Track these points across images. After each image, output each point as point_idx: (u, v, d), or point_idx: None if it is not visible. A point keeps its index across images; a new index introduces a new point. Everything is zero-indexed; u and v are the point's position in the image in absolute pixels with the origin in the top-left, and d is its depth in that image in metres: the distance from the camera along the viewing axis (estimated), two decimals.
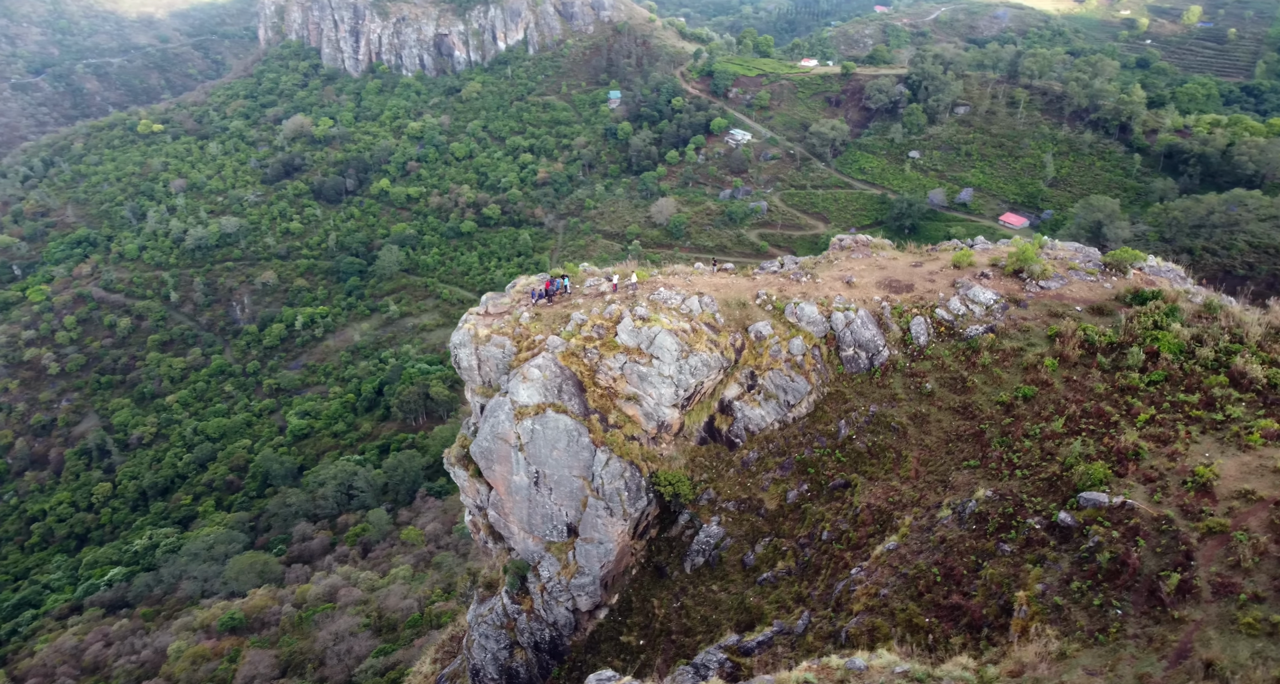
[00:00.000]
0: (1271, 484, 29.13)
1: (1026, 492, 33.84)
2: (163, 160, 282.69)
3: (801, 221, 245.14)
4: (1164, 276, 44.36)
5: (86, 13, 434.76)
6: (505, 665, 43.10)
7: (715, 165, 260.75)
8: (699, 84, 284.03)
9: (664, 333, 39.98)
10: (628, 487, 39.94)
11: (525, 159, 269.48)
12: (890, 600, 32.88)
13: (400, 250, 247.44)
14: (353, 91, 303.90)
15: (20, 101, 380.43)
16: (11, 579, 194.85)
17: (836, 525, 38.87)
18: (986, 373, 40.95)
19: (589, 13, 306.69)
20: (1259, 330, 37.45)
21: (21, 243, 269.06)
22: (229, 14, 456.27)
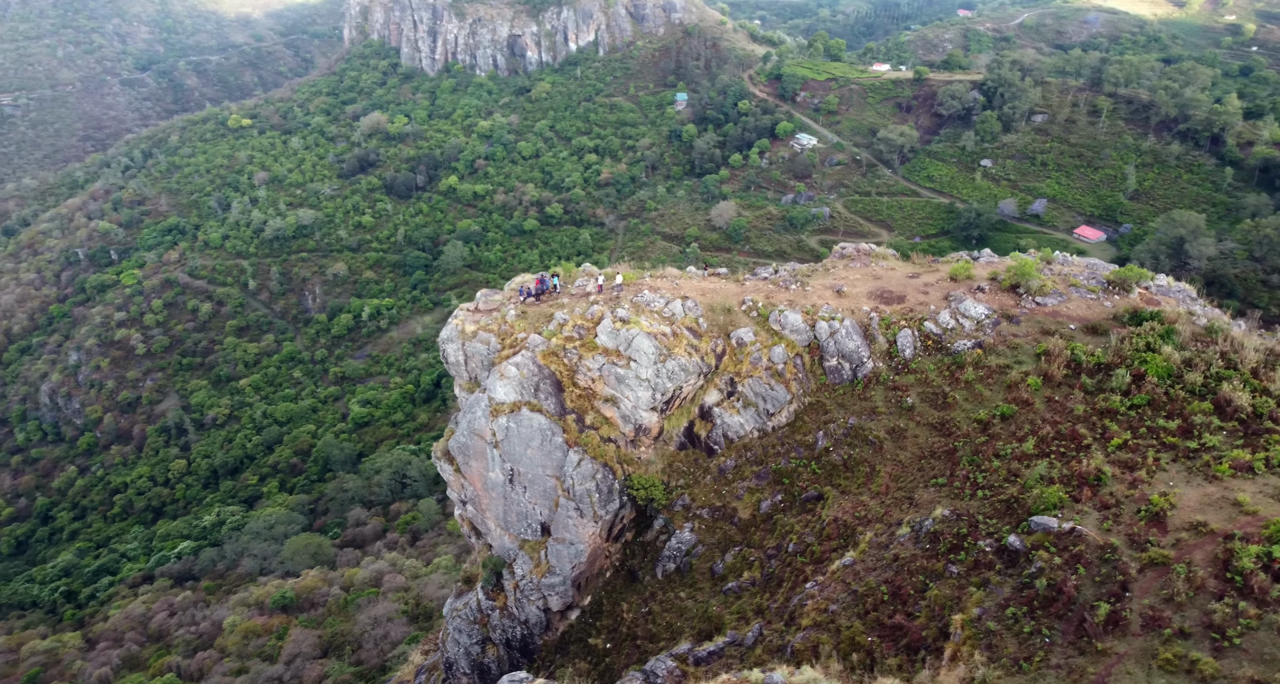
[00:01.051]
0: (1227, 517, 27.88)
1: (983, 513, 33.14)
2: (249, 153, 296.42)
3: (864, 229, 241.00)
4: (1172, 297, 42.58)
5: (190, 12, 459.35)
6: (477, 661, 44.14)
7: (779, 170, 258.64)
8: (767, 87, 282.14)
9: (642, 335, 40.43)
10: (599, 489, 40.49)
11: (590, 159, 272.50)
12: (838, 617, 32.65)
13: (464, 246, 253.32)
14: (428, 90, 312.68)
15: (127, 96, 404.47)
16: (94, 546, 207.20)
17: (803, 538, 38.67)
18: (969, 389, 40.07)
19: (660, 15, 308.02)
20: (1256, 356, 35.68)
21: (119, 229, 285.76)
22: (319, 14, 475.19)
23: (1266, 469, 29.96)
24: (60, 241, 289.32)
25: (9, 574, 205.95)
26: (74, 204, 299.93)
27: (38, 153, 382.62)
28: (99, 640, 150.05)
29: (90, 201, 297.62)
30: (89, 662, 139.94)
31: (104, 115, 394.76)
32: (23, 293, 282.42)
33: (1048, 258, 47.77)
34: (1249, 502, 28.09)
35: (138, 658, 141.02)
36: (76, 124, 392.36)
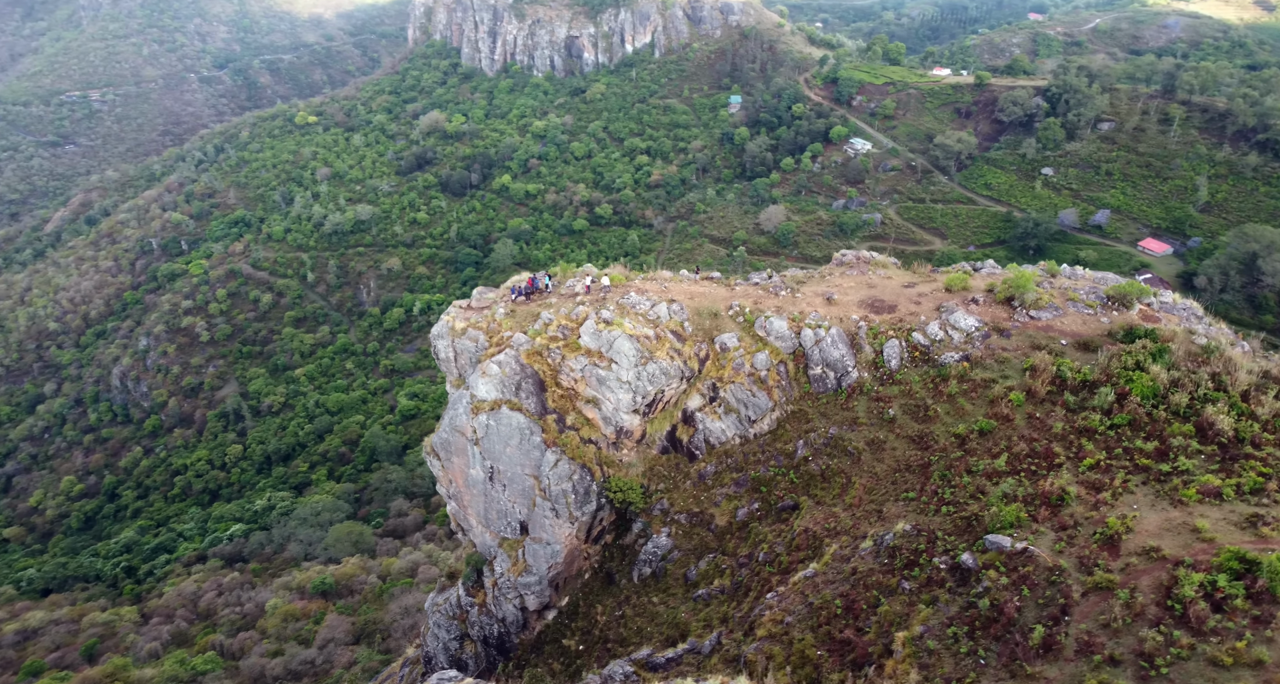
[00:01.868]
0: (1182, 543, 26.91)
1: (944, 529, 32.55)
2: (313, 150, 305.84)
3: (916, 236, 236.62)
4: (1175, 314, 41.07)
5: (266, 13, 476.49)
6: (455, 656, 44.87)
7: (831, 174, 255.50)
8: (822, 91, 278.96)
9: (623, 337, 40.72)
10: (575, 489, 40.87)
11: (641, 161, 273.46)
12: (792, 629, 32.47)
13: (514, 244, 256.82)
14: (486, 90, 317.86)
15: (205, 93, 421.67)
16: (154, 525, 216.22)
17: (774, 548, 38.46)
18: (951, 403, 39.31)
19: (717, 17, 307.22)
20: (1249, 379, 34.22)
21: (190, 221, 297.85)
22: (387, 14, 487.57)
23: (1236, 496, 28.80)
24: (136, 231, 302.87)
25: (77, 548, 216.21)
26: (150, 196, 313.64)
27: (121, 146, 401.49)
28: (153, 616, 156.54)
29: (165, 193, 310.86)
30: (142, 636, 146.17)
31: (183, 111, 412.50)
32: (100, 279, 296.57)
33: (1053, 271, 46.50)
34: (1208, 528, 27.08)
35: (186, 635, 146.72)
36: (157, 119, 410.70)
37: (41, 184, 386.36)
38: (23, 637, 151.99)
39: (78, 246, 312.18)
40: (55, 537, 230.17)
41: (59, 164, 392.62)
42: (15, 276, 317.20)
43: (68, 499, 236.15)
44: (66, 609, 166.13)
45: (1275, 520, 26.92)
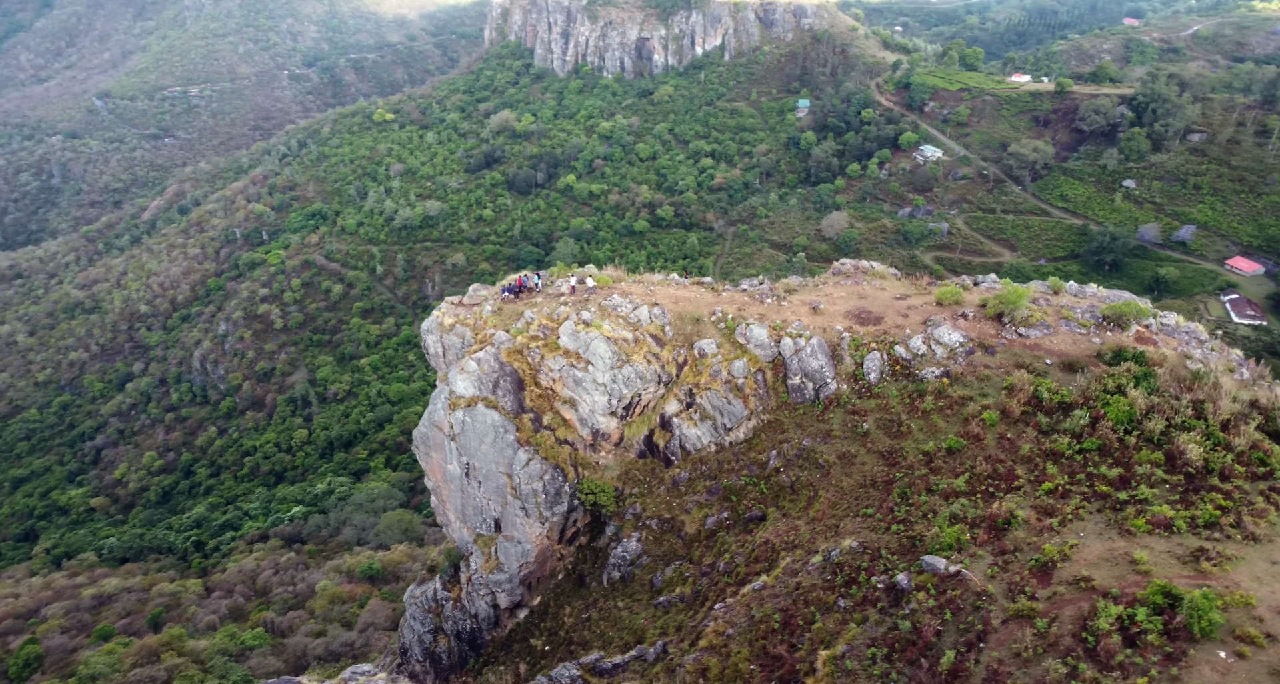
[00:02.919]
0: (1116, 575, 25.79)
1: (889, 548, 31.89)
2: (388, 146, 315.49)
3: (985, 247, 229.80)
4: (1175, 337, 39.14)
5: (354, 13, 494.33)
6: (429, 649, 45.82)
7: (898, 181, 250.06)
8: (893, 96, 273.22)
9: (599, 339, 41.08)
10: (546, 489, 41.36)
11: (705, 163, 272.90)
12: (731, 641, 32.33)
13: (575, 243, 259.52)
14: (556, 90, 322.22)
15: (293, 90, 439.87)
16: (223, 503, 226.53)
17: (735, 558, 38.23)
18: (926, 419, 38.37)
19: (789, 20, 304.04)
20: (1233, 408, 32.40)
21: (271, 212, 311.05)
22: (468, 15, 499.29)
23: (1188, 528, 27.42)
24: (222, 221, 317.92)
25: (153, 520, 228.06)
26: (237, 187, 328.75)
27: (215, 140, 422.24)
28: (215, 589, 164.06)
29: (250, 185, 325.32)
30: (202, 608, 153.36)
31: (272, 107, 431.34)
32: (188, 266, 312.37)
33: (1056, 288, 44.82)
34: (1146, 560, 25.89)
35: (242, 609, 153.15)
36: (249, 114, 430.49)
37: (142, 174, 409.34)
38: (99, 602, 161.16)
39: (170, 234, 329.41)
40: (135, 508, 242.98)
41: (159, 155, 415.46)
42: (114, 261, 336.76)
43: (148, 473, 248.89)
44: (139, 578, 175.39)
45: (1219, 556, 25.58)
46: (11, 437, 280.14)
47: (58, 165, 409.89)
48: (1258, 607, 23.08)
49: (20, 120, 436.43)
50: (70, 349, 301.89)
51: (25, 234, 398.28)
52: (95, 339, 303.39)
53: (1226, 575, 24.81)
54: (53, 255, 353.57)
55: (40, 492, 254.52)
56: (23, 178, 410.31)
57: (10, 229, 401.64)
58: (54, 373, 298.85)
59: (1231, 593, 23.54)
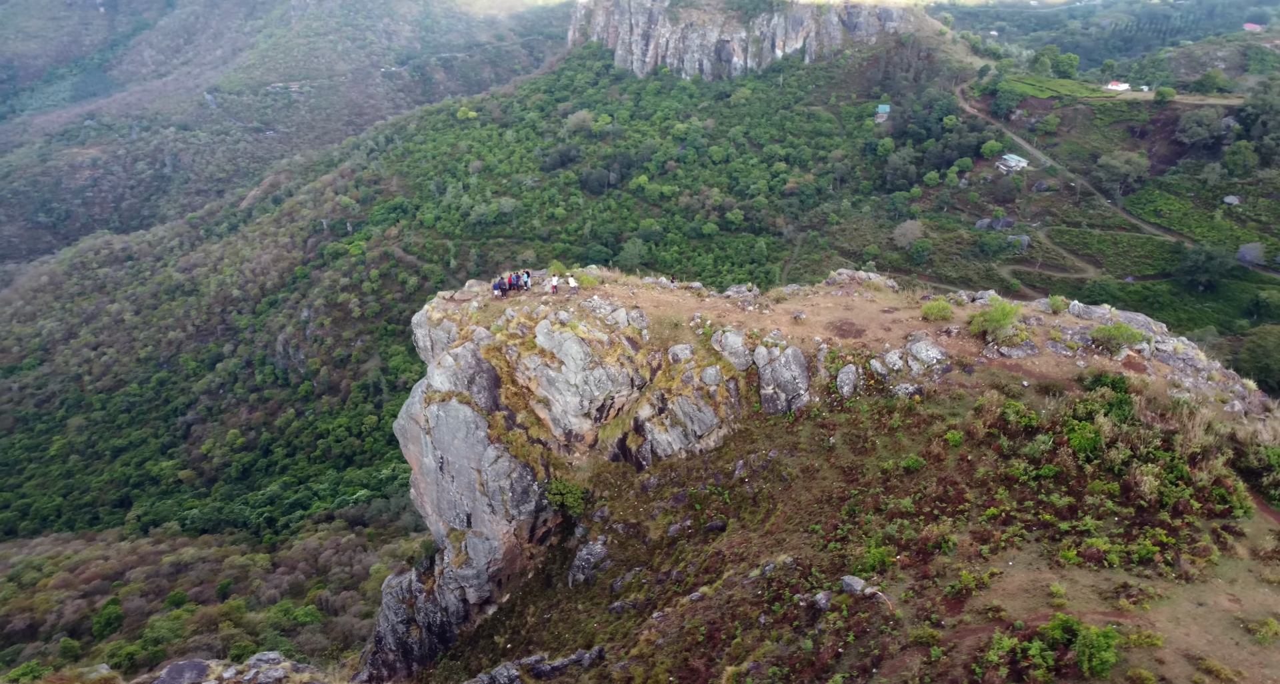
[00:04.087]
0: (1027, 607, 24.61)
1: (821, 565, 31.13)
2: (468, 143, 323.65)
3: (1067, 262, 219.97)
4: (1168, 364, 36.86)
5: (447, 13, 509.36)
6: (401, 639, 46.84)
7: (978, 191, 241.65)
8: (979, 103, 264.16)
9: (572, 340, 41.38)
10: (514, 487, 41.83)
11: (779, 167, 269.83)
12: (659, 651, 32.17)
13: (644, 244, 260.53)
14: (634, 91, 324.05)
15: (386, 87, 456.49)
16: (296, 482, 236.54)
17: (688, 567, 37.91)
18: (891, 436, 37.23)
19: (874, 23, 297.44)
20: (1207, 441, 30.34)
21: (356, 205, 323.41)
22: (555, 16, 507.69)
23: (1120, 563, 25.92)
24: (311, 212, 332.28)
25: (232, 495, 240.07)
26: (326, 180, 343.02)
27: (311, 134, 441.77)
28: (280, 565, 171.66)
29: (339, 179, 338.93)
30: (266, 582, 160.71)
31: (365, 103, 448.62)
32: (278, 254, 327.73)
33: (1055, 307, 42.77)
34: (1063, 593, 24.62)
35: (301, 586, 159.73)
36: (343, 110, 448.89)
37: (244, 165, 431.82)
38: (176, 569, 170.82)
39: (263, 223, 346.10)
40: (217, 483, 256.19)
41: (259, 148, 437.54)
42: (212, 247, 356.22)
43: (231, 450, 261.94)
44: (214, 549, 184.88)
45: (1142, 594, 24.11)
46: (115, 408, 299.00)
47: (170, 155, 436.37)
48: (1163, 649, 21.70)
49: (140, 113, 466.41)
50: (169, 328, 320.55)
51: (138, 219, 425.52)
52: (192, 320, 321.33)
53: (1143, 614, 23.39)
54: (160, 239, 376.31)
55: (136, 461, 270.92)
56: (139, 166, 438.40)
57: (126, 214, 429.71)
58: (154, 350, 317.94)
59: (1140, 632, 22.20)
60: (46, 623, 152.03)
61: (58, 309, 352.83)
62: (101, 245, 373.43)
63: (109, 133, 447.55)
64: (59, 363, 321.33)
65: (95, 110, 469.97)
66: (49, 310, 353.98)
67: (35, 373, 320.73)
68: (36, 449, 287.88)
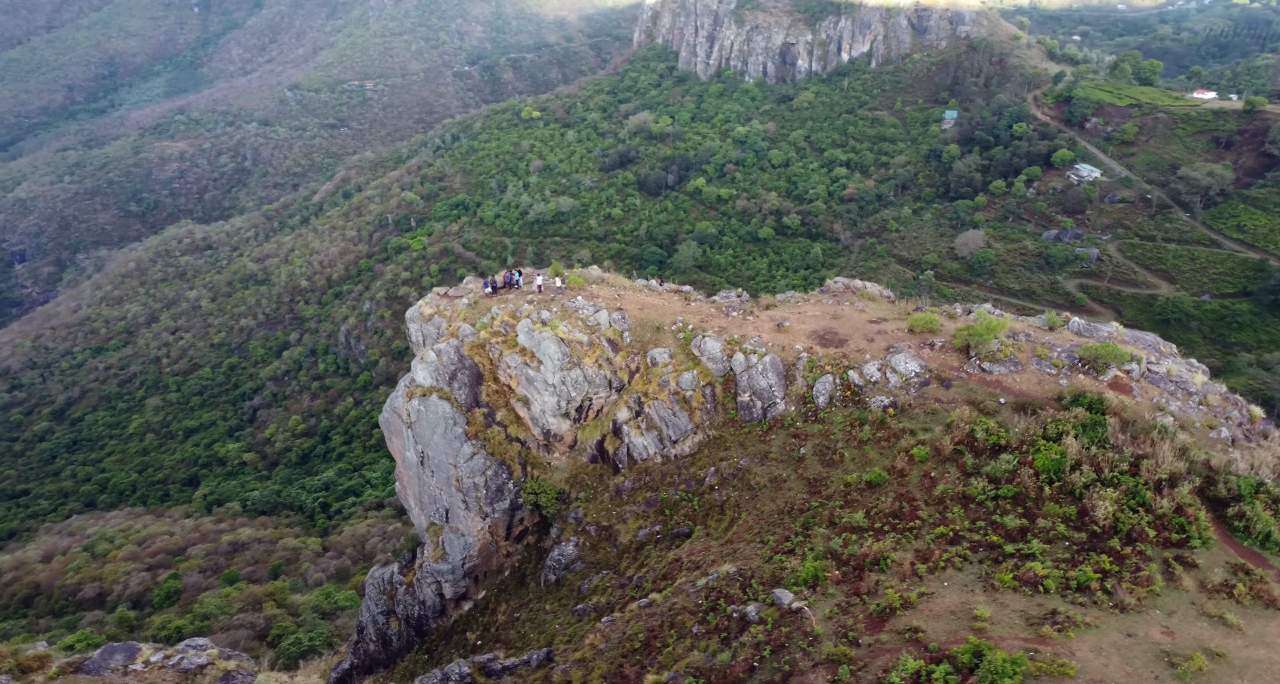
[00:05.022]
0: (948, 629, 23.72)
1: (762, 577, 30.49)
2: (531, 142, 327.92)
3: (1139, 277, 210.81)
4: (1159, 386, 34.98)
5: (518, 14, 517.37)
6: (381, 630, 47.56)
7: (1046, 201, 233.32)
8: (1052, 110, 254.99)
9: (550, 340, 41.51)
10: (488, 485, 42.12)
11: (839, 173, 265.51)
12: (599, 656, 32.03)
13: (699, 247, 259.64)
14: (696, 93, 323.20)
15: (456, 86, 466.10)
16: (351, 469, 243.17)
17: (649, 573, 37.59)
18: (860, 449, 36.24)
19: (945, 27, 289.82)
20: (1177, 467, 28.67)
21: (420, 201, 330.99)
22: (624, 18, 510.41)
23: (1058, 589, 24.77)
24: (378, 207, 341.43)
25: (291, 479, 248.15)
26: (394, 176, 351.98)
27: (383, 131, 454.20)
28: (329, 550, 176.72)
29: (405, 175, 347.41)
30: (314, 565, 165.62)
31: (436, 101, 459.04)
32: (345, 247, 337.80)
33: (1051, 323, 41.01)
34: (988, 617, 23.66)
35: (347, 571, 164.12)
36: (414, 108, 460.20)
37: (319, 160, 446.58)
38: (233, 548, 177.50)
39: (333, 217, 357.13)
40: (278, 466, 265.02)
41: (333, 143, 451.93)
42: (284, 238, 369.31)
43: (292, 436, 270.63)
44: (270, 531, 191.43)
45: (1069, 621, 23.02)
46: (189, 390, 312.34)
47: (251, 149, 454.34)
48: (1075, 679, 20.67)
49: (225, 108, 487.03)
50: (241, 316, 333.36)
51: (219, 210, 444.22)
52: (263, 308, 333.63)
53: (1065, 642, 22.31)
54: (237, 230, 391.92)
55: (205, 442, 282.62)
56: (222, 160, 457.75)
57: (208, 205, 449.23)
58: (227, 337, 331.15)
59: (1054, 661, 21.17)
60: (114, 593, 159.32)
61: (142, 294, 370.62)
62: (184, 234, 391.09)
63: (196, 127, 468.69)
64: (141, 345, 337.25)
65: (185, 106, 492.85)
66: (134, 295, 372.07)
67: (119, 354, 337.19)
68: (117, 426, 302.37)
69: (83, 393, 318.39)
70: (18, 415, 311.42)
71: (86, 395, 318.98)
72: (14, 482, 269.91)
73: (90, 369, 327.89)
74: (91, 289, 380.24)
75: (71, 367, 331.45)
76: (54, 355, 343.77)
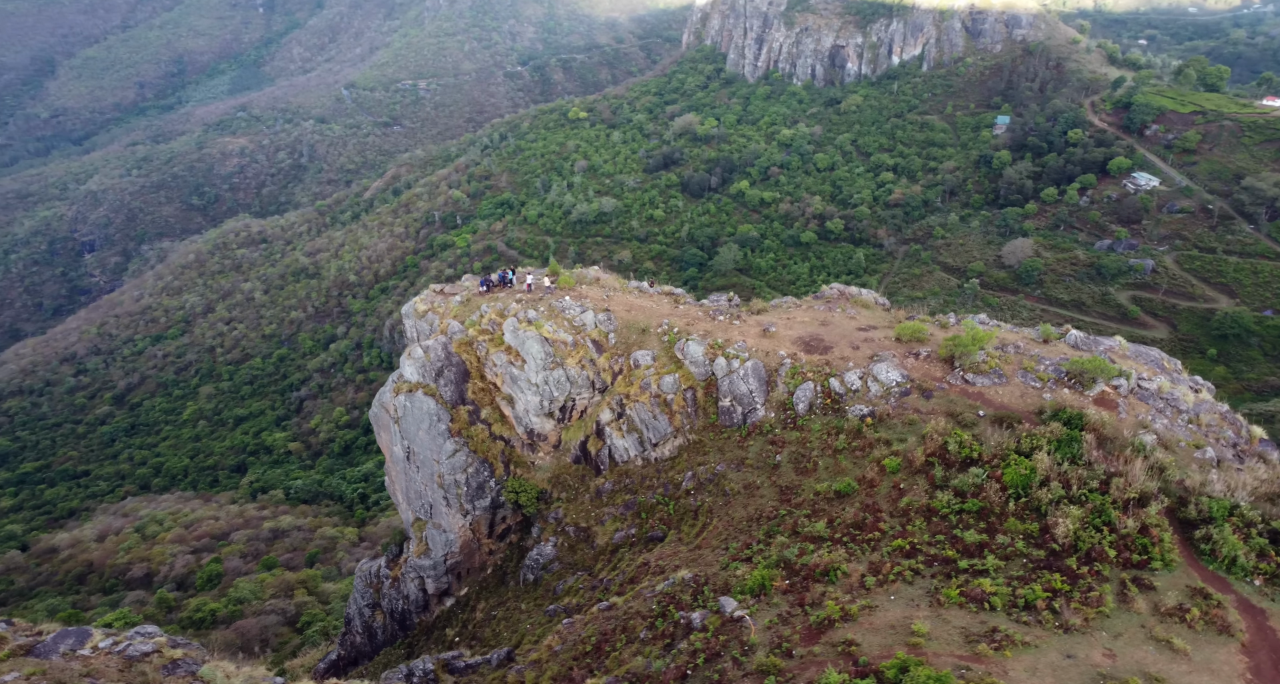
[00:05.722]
0: (883, 643, 23.19)
1: (715, 584, 30.05)
2: (576, 143, 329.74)
3: (1196, 290, 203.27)
4: (1148, 403, 33.55)
5: (570, 15, 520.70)
6: (367, 623, 48.11)
7: (1100, 210, 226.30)
8: (1110, 117, 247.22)
9: (534, 339, 41.59)
10: (469, 482, 42.33)
11: (885, 177, 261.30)
12: (554, 657, 31.98)
13: (740, 250, 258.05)
14: (743, 96, 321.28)
15: (506, 86, 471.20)
16: None
17: (619, 576, 37.38)
18: (834, 458, 35.51)
19: (1000, 30, 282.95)
20: (1148, 485, 27.46)
21: (467, 199, 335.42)
22: (675, 19, 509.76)
23: (1004, 607, 24.00)
24: (426, 204, 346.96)
25: (333, 469, 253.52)
26: (442, 174, 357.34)
27: (434, 129, 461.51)
28: (365, 540, 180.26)
29: (453, 173, 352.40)
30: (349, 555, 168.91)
31: (486, 101, 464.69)
32: (392, 243, 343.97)
33: (1046, 335, 39.66)
34: (925, 632, 22.98)
35: None
36: (465, 108, 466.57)
37: (371, 157, 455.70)
38: (274, 535, 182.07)
39: (382, 213, 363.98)
40: (321, 456, 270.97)
41: (386, 141, 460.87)
42: (335, 233, 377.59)
43: (336, 427, 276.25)
44: (309, 519, 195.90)
45: (1008, 640, 22.26)
46: (240, 379, 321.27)
47: (307, 146, 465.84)
48: None
49: (284, 106, 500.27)
50: (292, 308, 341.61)
51: (276, 205, 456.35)
52: (312, 301, 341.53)
53: (1000, 661, 21.54)
54: (291, 225, 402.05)
55: (254, 431, 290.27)
56: (280, 156, 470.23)
57: (265, 199, 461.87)
58: (277, 328, 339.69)
59: (985, 680, 20.48)
60: (160, 574, 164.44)
61: (200, 285, 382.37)
62: (241, 228, 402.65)
63: (257, 124, 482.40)
64: (197, 334, 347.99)
65: (247, 103, 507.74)
66: (193, 286, 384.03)
67: (177, 342, 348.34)
68: (172, 412, 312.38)
69: (142, 379, 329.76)
70: (82, 399, 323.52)
71: (145, 382, 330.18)
72: (76, 463, 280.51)
73: (149, 356, 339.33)
74: (153, 279, 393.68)
75: (132, 353, 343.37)
76: (117, 342, 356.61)
